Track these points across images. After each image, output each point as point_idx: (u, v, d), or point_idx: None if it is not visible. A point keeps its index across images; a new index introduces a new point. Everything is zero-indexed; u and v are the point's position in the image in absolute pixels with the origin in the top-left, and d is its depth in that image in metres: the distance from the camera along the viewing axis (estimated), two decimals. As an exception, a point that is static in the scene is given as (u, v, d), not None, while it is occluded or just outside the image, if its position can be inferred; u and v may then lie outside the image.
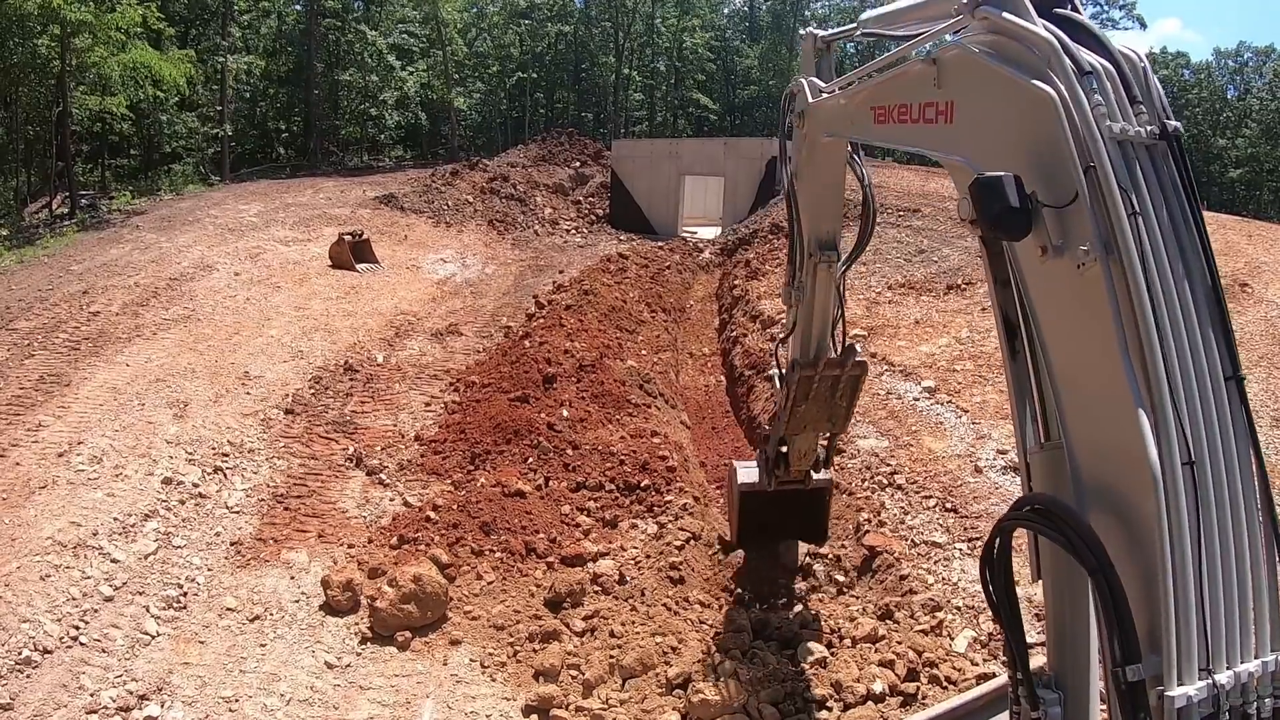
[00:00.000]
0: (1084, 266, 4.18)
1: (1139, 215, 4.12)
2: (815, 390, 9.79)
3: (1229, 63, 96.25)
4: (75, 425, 15.10)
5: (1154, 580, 3.92)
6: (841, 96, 7.37)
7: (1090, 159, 4.17)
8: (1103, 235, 4.12)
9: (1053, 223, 4.31)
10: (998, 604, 4.78)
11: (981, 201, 4.38)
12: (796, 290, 9.41)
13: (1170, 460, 3.94)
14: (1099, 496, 4.28)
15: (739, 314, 25.99)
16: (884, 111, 6.18)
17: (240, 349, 19.64)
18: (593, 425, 15.90)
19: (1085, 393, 4.39)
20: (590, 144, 54.24)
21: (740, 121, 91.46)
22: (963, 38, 5.09)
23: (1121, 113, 4.36)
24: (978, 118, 4.99)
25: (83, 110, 39.35)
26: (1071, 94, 4.26)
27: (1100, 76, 4.38)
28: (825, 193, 8.93)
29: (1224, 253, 28.38)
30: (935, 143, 5.50)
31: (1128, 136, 4.27)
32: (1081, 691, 4.74)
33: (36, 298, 22.39)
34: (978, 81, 4.92)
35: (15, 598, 10.46)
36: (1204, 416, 4.10)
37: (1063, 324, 4.47)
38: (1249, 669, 3.99)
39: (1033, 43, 4.51)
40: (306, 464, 14.85)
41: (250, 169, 54.92)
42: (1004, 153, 4.66)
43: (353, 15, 60.98)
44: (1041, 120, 4.36)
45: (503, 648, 10.63)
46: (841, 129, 7.59)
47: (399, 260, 30.80)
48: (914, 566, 11.86)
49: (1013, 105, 4.59)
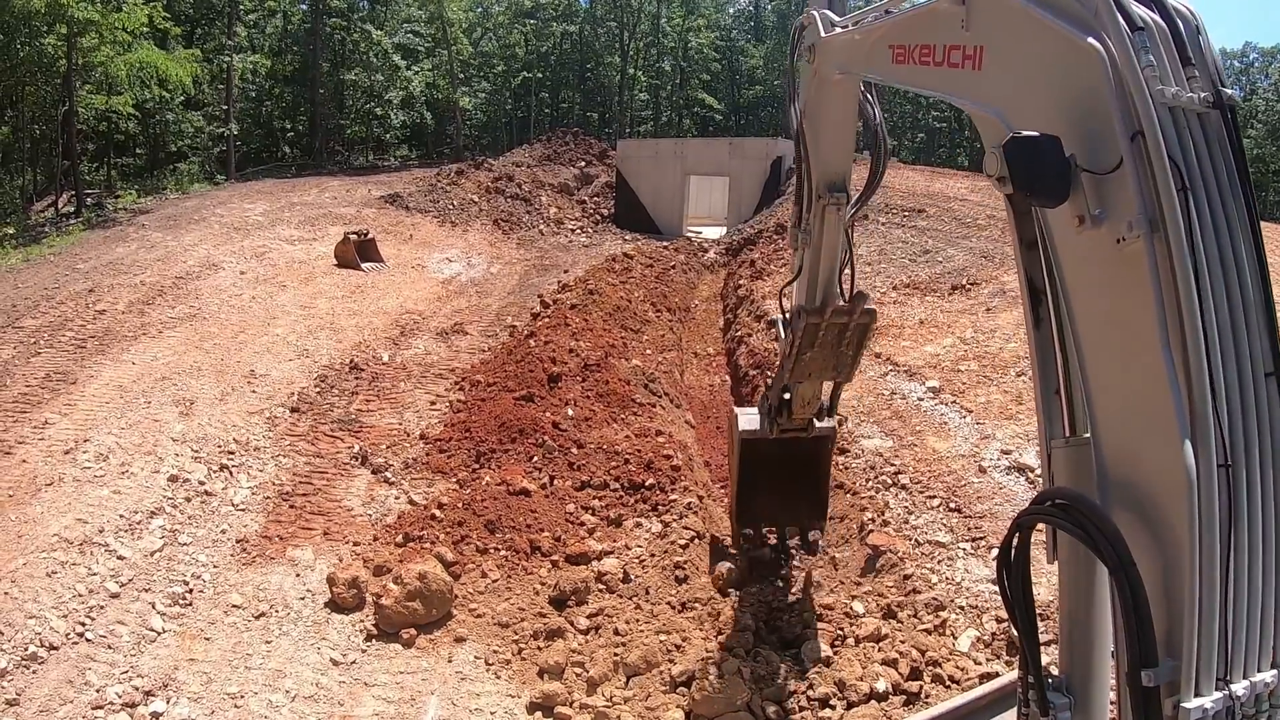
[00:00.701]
0: (1125, 242, 3.81)
1: (1188, 191, 3.74)
2: (821, 338, 9.40)
3: (1235, 64, 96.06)
4: (82, 423, 15.15)
5: (1176, 584, 3.74)
6: (857, 32, 6.81)
7: (1138, 124, 3.76)
8: (1148, 210, 3.74)
9: (1091, 190, 3.92)
10: (1013, 604, 4.54)
11: (1018, 161, 3.97)
12: (803, 233, 8.99)
13: (1206, 462, 3.66)
14: (1124, 494, 4.02)
15: (743, 314, 25.99)
16: (903, 51, 5.66)
17: (246, 347, 19.69)
18: (597, 424, 15.92)
19: (1117, 382, 4.04)
20: (595, 144, 54.28)
21: (745, 121, 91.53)
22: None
23: (1174, 76, 3.93)
24: (1010, 67, 4.53)
25: (88, 109, 39.49)
26: (1121, 51, 3.82)
27: (1153, 34, 3.91)
28: (835, 132, 8.42)
29: (1229, 253, 28.34)
30: (960, 89, 5.02)
31: (1179, 103, 3.85)
32: (1092, 696, 4.56)
33: (43, 296, 22.47)
34: (1013, 27, 4.44)
35: (22, 594, 10.49)
36: (1243, 415, 3.80)
37: (1098, 303, 4.09)
38: (1265, 679, 3.85)
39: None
40: (312, 462, 14.89)
41: (256, 168, 55.01)
42: (1039, 109, 4.24)
43: (358, 15, 61.05)
44: (1086, 78, 3.94)
45: (507, 645, 10.66)
46: (856, 66, 6.98)
47: (404, 259, 30.85)
48: (918, 566, 11.86)
49: (1053, 58, 4.15)
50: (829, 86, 7.76)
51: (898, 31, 5.80)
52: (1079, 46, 3.94)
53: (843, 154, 8.59)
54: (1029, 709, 4.59)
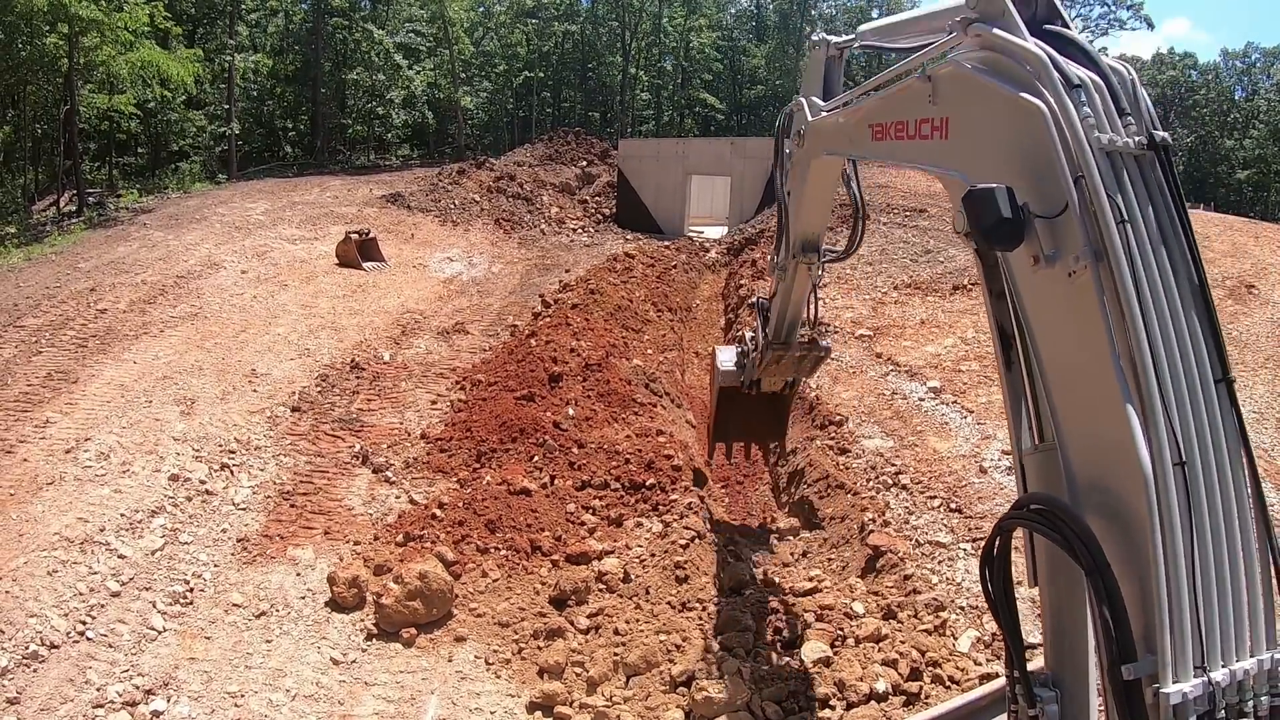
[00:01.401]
0: (1075, 274, 4.28)
1: (1127, 222, 4.20)
2: (784, 361, 11.15)
3: (1237, 64, 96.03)
4: (83, 422, 15.16)
5: (1147, 580, 3.97)
6: (840, 115, 7.48)
7: (1079, 169, 4.26)
8: (1092, 242, 4.21)
9: (1044, 233, 4.40)
10: (996, 603, 4.82)
11: (975, 213, 4.46)
12: (779, 269, 10.10)
13: (1161, 461, 3.99)
14: (1092, 497, 4.32)
15: (745, 313, 25.97)
16: (881, 128, 6.33)
17: (247, 347, 19.71)
18: (598, 424, 15.92)
19: (1078, 396, 4.45)
20: (597, 143, 54.27)
21: (747, 121, 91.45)
22: (956, 54, 5.19)
23: (1110, 124, 4.44)
24: (971, 132, 5.12)
25: (90, 109, 39.52)
26: (1060, 106, 4.37)
27: (1089, 89, 4.46)
28: (815, 203, 9.30)
29: (1231, 254, 28.37)
30: (931, 158, 5.62)
31: (1116, 147, 4.36)
32: (1079, 690, 4.73)
33: (44, 295, 22.48)
34: (971, 96, 5.05)
35: (23, 593, 10.51)
36: (1195, 418, 4.15)
37: (1055, 330, 4.55)
38: (1245, 667, 4.02)
39: (1023, 58, 4.63)
40: (313, 461, 14.90)
41: (257, 167, 55.02)
42: (997, 165, 4.77)
43: (360, 14, 61.00)
44: (1032, 132, 4.46)
45: (507, 645, 10.67)
46: (840, 147, 7.71)
47: (405, 259, 30.85)
48: (918, 566, 11.87)
49: (1004, 118, 4.71)
50: (815, 166, 8.57)
51: (876, 112, 6.50)
52: (1024, 106, 4.50)
53: (819, 221, 9.64)
54: (1018, 705, 4.79)
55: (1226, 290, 24.10)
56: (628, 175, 44.76)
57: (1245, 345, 20.14)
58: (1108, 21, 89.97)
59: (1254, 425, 15.97)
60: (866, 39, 7.85)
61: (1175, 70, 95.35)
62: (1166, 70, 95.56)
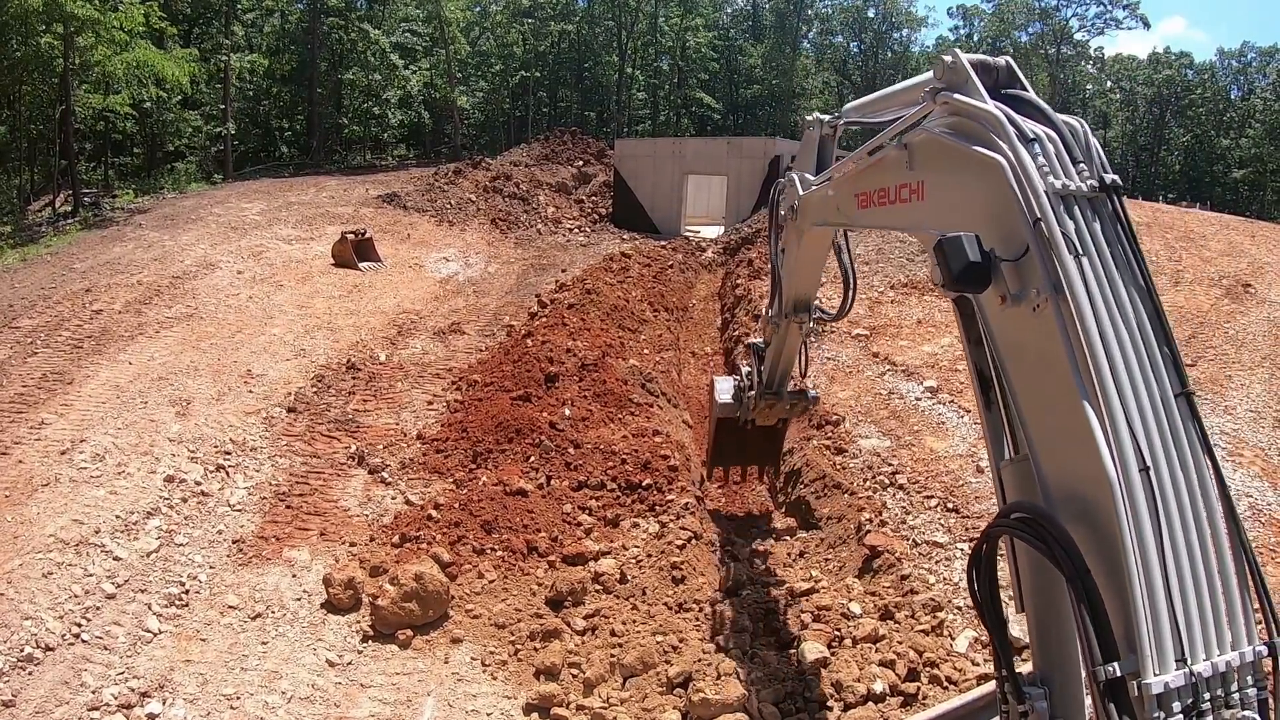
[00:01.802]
0: (1038, 308, 4.65)
1: (1083, 256, 4.56)
2: (775, 407, 12.12)
3: (1233, 63, 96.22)
4: (78, 423, 15.13)
5: (1122, 580, 4.15)
6: (829, 187, 8.09)
7: (1036, 213, 4.65)
8: (1051, 277, 4.57)
9: (1010, 274, 4.80)
10: (982, 605, 5.06)
11: (945, 260, 4.89)
12: (772, 323, 10.82)
13: (1125, 467, 4.25)
14: (1067, 505, 4.58)
15: (741, 313, 25.96)
16: (866, 197, 6.92)
17: (243, 347, 19.67)
18: (595, 424, 15.91)
19: (1047, 416, 4.78)
20: (593, 143, 54.31)
21: (743, 121, 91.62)
22: (927, 122, 5.72)
23: (1064, 171, 4.83)
24: (944, 191, 5.65)
25: (86, 109, 39.47)
26: (1017, 158, 4.80)
27: (1043, 141, 4.89)
28: (807, 269, 10.03)
29: (1228, 253, 28.41)
30: (911, 220, 6.17)
31: (1069, 191, 4.73)
32: (1068, 686, 4.93)
33: (39, 296, 22.43)
34: (941, 158, 5.58)
35: (18, 595, 10.48)
36: (1158, 428, 4.43)
37: (1025, 361, 4.90)
38: (1227, 659, 4.16)
39: (983, 119, 5.12)
40: (309, 462, 14.87)
41: (253, 167, 55.02)
42: (966, 217, 5.22)
43: (356, 14, 61.00)
44: (994, 184, 4.91)
45: (504, 646, 10.64)
46: (830, 217, 8.27)
47: (402, 259, 30.82)
48: (915, 566, 11.86)
49: (969, 174, 5.19)
50: (809, 236, 9.30)
51: (860, 182, 7.10)
52: (986, 161, 4.98)
53: (811, 284, 10.38)
54: (1008, 704, 5.00)
55: (1223, 289, 24.12)
56: (624, 175, 44.77)
57: (1242, 344, 20.14)
58: (1104, 21, 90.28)
59: (1252, 424, 15.98)
60: (850, 116, 8.53)
61: (1171, 69, 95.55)
62: (1163, 70, 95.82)
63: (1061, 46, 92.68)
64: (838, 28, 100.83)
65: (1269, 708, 4.23)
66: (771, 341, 11.05)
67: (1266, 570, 11.70)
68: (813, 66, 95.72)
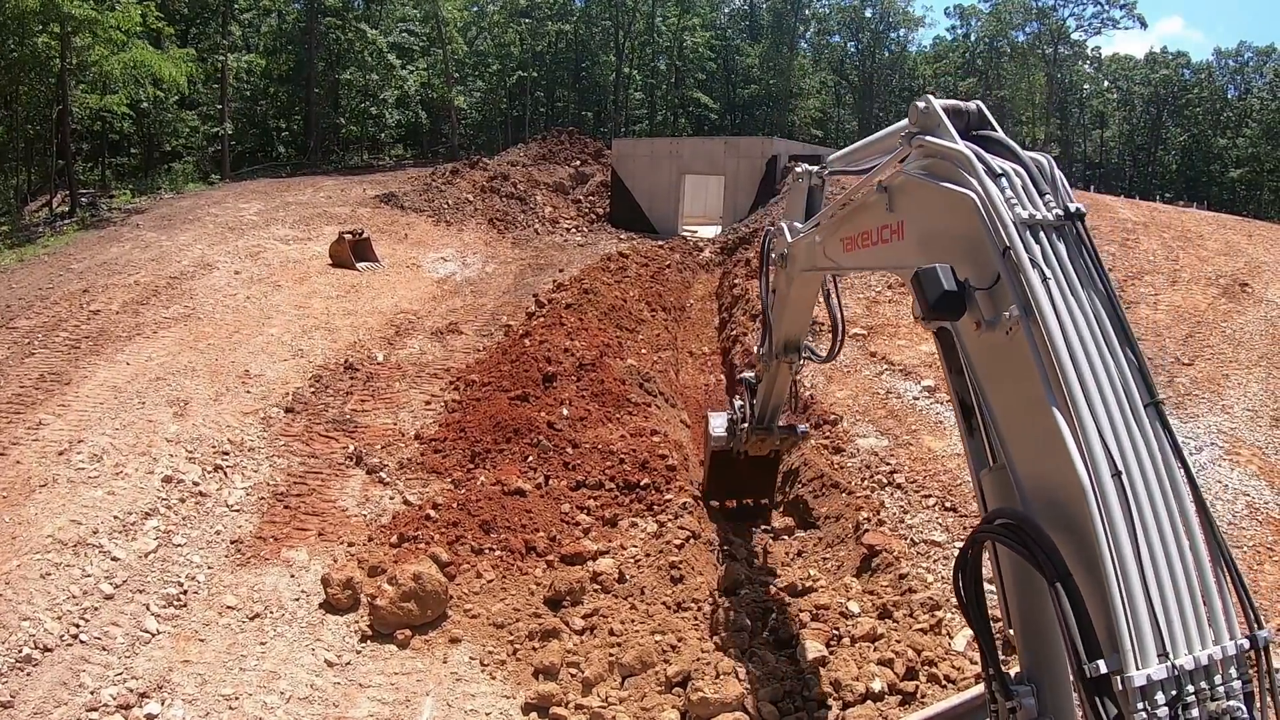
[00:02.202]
0: (1011, 331, 4.87)
1: (1050, 280, 4.79)
2: (766, 441, 12.09)
3: (1229, 63, 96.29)
4: (75, 424, 15.12)
5: (1100, 581, 4.29)
6: (816, 234, 8.40)
7: (1005, 242, 4.89)
8: (1021, 301, 4.80)
9: (984, 302, 5.06)
10: (968, 605, 5.23)
11: (921, 290, 5.14)
12: (763, 360, 10.90)
13: (1098, 472, 4.42)
14: (1044, 511, 4.76)
15: (739, 313, 25.95)
16: (851, 240, 7.26)
17: (240, 347, 19.66)
18: (593, 424, 15.91)
19: (1023, 430, 4.98)
20: (590, 143, 54.28)
21: (740, 120, 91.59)
22: (905, 165, 6.04)
23: (1031, 202, 5.08)
24: (921, 228, 5.93)
25: (83, 109, 39.42)
26: (986, 192, 5.07)
27: (1010, 176, 5.15)
28: (796, 313, 10.22)
29: (1225, 252, 28.43)
30: (893, 259, 6.50)
31: (1036, 220, 4.97)
32: (1056, 683, 5.02)
33: (37, 296, 22.42)
34: (917, 197, 5.90)
35: (16, 595, 10.47)
36: (1129, 435, 4.59)
37: (1001, 382, 5.14)
38: (1210, 654, 4.24)
39: (954, 158, 5.40)
40: (307, 462, 14.86)
41: (250, 167, 54.97)
42: (942, 251, 5.48)
43: (353, 14, 60.94)
44: (965, 217, 5.18)
45: (502, 646, 10.64)
46: (819, 263, 8.56)
47: (399, 259, 30.82)
48: (913, 565, 11.87)
49: (943, 210, 5.49)
50: (798, 281, 9.50)
51: (845, 227, 7.44)
52: (957, 196, 5.27)
53: (800, 327, 10.52)
54: (996, 703, 5.11)
55: (1220, 289, 24.14)
56: (621, 175, 44.77)
57: (1239, 344, 20.17)
58: (1101, 21, 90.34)
59: (1249, 423, 16.01)
60: (834, 167, 8.79)
61: (1168, 69, 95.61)
62: (1159, 69, 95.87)
63: (1059, 46, 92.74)
64: (835, 27, 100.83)
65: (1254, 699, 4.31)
66: (762, 379, 11.26)
67: (1264, 569, 11.76)
68: (810, 66, 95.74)
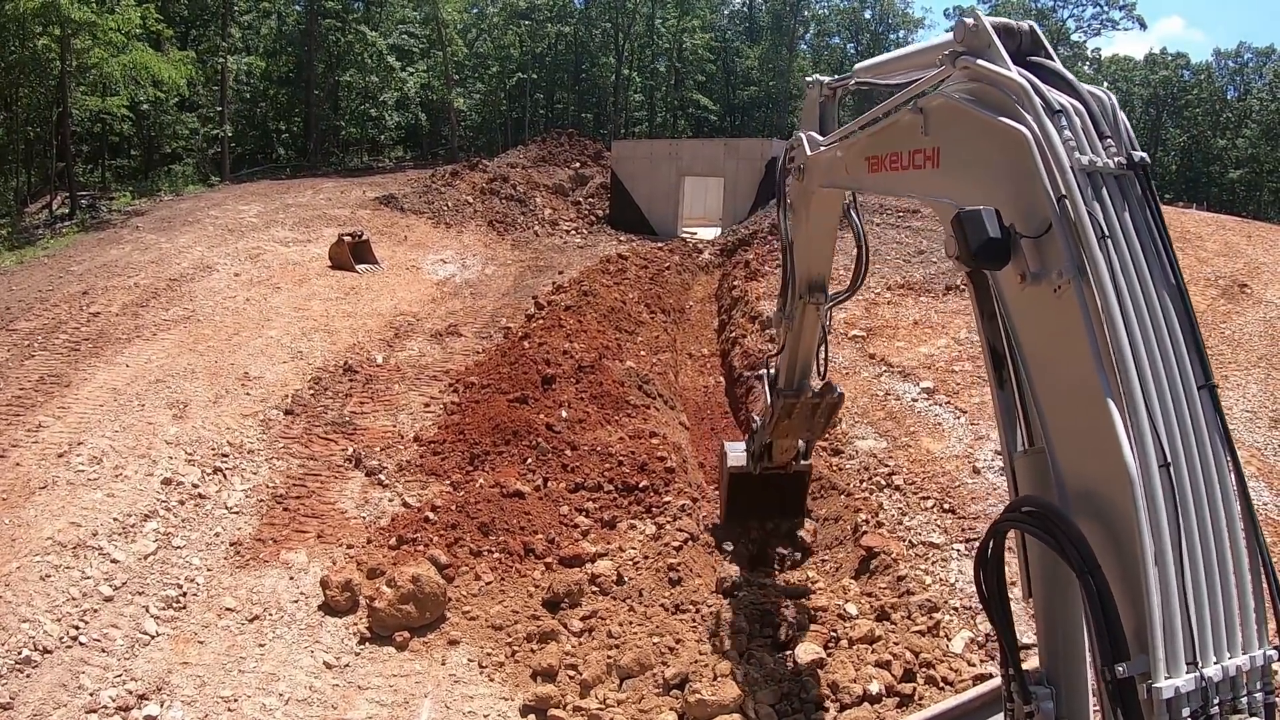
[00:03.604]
0: (1059, 290, 4.47)
1: (1108, 238, 4.39)
2: (797, 413, 10.82)
3: (1229, 63, 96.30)
4: (75, 426, 15.14)
5: (1137, 579, 4.05)
6: (838, 149, 7.75)
7: (1061, 189, 4.45)
8: (1075, 259, 4.39)
9: (1030, 252, 4.61)
10: (990, 603, 4.97)
11: (963, 234, 4.70)
12: (786, 319, 10.17)
13: (1146, 463, 4.10)
14: (1082, 501, 4.44)
15: (738, 315, 25.98)
16: (877, 161, 6.61)
17: (240, 350, 19.68)
18: (591, 426, 15.93)
19: (1065, 405, 4.60)
20: (590, 145, 54.23)
21: (740, 122, 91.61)
22: (945, 87, 5.47)
23: (1090, 146, 4.63)
24: (960, 159, 5.40)
25: (83, 111, 39.45)
26: (1043, 131, 4.58)
27: (1069, 114, 4.67)
28: (818, 240, 9.53)
29: (1224, 254, 28.44)
30: (924, 187, 5.94)
31: (1096, 168, 4.55)
32: (1074, 687, 4.85)
33: (36, 298, 22.45)
34: (959, 126, 5.34)
35: (15, 597, 10.49)
36: (1179, 423, 4.28)
37: (1043, 344, 4.72)
38: (1237, 663, 4.09)
39: (1007, 86, 4.86)
40: (306, 464, 14.88)
41: (250, 169, 54.98)
42: (985, 190, 5.00)
43: (353, 16, 60.92)
44: (1016, 156, 4.69)
45: (501, 648, 10.66)
46: (839, 180, 7.99)
47: (399, 261, 30.82)
48: (911, 567, 11.89)
49: (991, 144, 4.95)
50: (816, 200, 8.86)
51: (871, 145, 6.79)
52: (1009, 132, 4.75)
53: (824, 259, 9.83)
54: (1013, 703, 4.91)
55: (1219, 290, 24.16)
56: (621, 177, 44.77)
57: (1239, 345, 20.18)
58: (1100, 22, 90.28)
59: (1248, 424, 16.02)
60: (861, 76, 8.12)
61: (1168, 70, 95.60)
62: (1159, 70, 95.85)
63: (1058, 48, 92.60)
64: (834, 29, 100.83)
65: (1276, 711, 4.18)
66: (786, 341, 10.41)
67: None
68: (810, 68, 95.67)
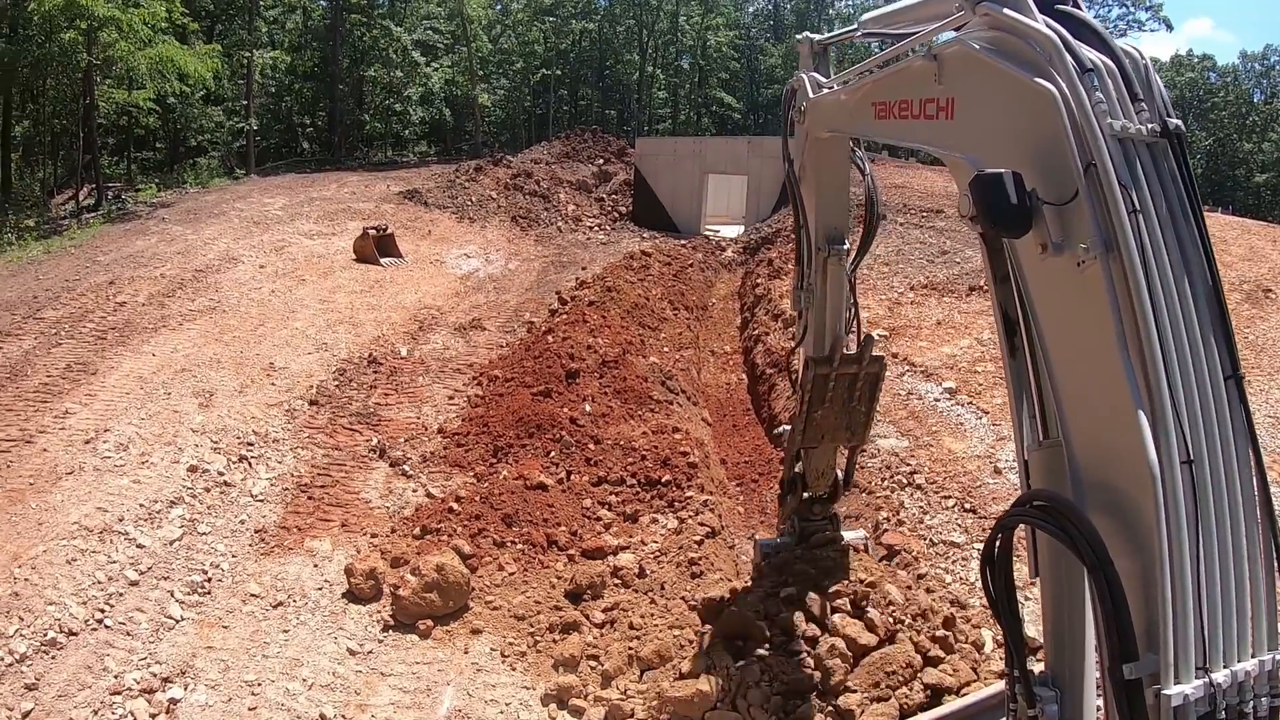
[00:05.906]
0: (1084, 264, 4.14)
1: (1139, 213, 4.06)
2: (832, 392, 9.28)
3: (1256, 66, 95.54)
4: (102, 413, 15.28)
5: (1152, 579, 3.90)
6: (842, 92, 7.38)
7: (1090, 156, 4.12)
8: (1103, 233, 4.07)
9: (1053, 220, 4.27)
10: (997, 603, 4.80)
11: (981, 198, 4.31)
12: (806, 292, 9.19)
13: (1169, 459, 3.90)
14: (1098, 494, 4.24)
15: (761, 312, 25.98)
16: (884, 107, 6.12)
17: (265, 340, 19.81)
18: (614, 420, 15.95)
19: (1084, 391, 4.34)
20: (614, 141, 54.23)
21: (764, 120, 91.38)
22: (964, 34, 4.98)
23: (1123, 110, 4.29)
24: (978, 114, 4.96)
25: (109, 104, 39.73)
26: (1072, 91, 4.20)
27: (1101, 74, 4.30)
28: (829, 189, 8.90)
29: (1249, 258, 28.24)
30: (935, 139, 5.47)
31: (1128, 134, 4.21)
32: (1078, 690, 4.72)
33: (64, 288, 22.66)
34: (978, 77, 4.87)
35: (42, 580, 10.60)
36: (1203, 415, 4.06)
37: (1062, 322, 4.42)
38: (1246, 668, 3.97)
39: (1034, 39, 4.44)
40: (330, 454, 14.97)
41: (275, 163, 55.23)
42: (1004, 149, 4.63)
43: (378, 11, 61.30)
44: (1042, 117, 4.31)
45: (523, 638, 10.70)
46: (842, 124, 7.65)
47: (422, 255, 30.94)
48: (932, 566, 11.88)
49: (1013, 102, 4.55)
50: (821, 145, 8.38)
51: (879, 90, 6.31)
52: (1035, 89, 4.33)
53: (839, 208, 8.98)
54: (1017, 704, 4.79)
55: (1243, 294, 23.97)
56: (644, 174, 44.75)
57: (1261, 350, 20.04)
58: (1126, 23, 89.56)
59: (1270, 429, 15.91)
60: (869, 27, 7.42)
61: (1194, 72, 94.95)
62: (1185, 72, 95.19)
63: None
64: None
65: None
66: (811, 310, 9.17)
67: None
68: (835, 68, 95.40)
